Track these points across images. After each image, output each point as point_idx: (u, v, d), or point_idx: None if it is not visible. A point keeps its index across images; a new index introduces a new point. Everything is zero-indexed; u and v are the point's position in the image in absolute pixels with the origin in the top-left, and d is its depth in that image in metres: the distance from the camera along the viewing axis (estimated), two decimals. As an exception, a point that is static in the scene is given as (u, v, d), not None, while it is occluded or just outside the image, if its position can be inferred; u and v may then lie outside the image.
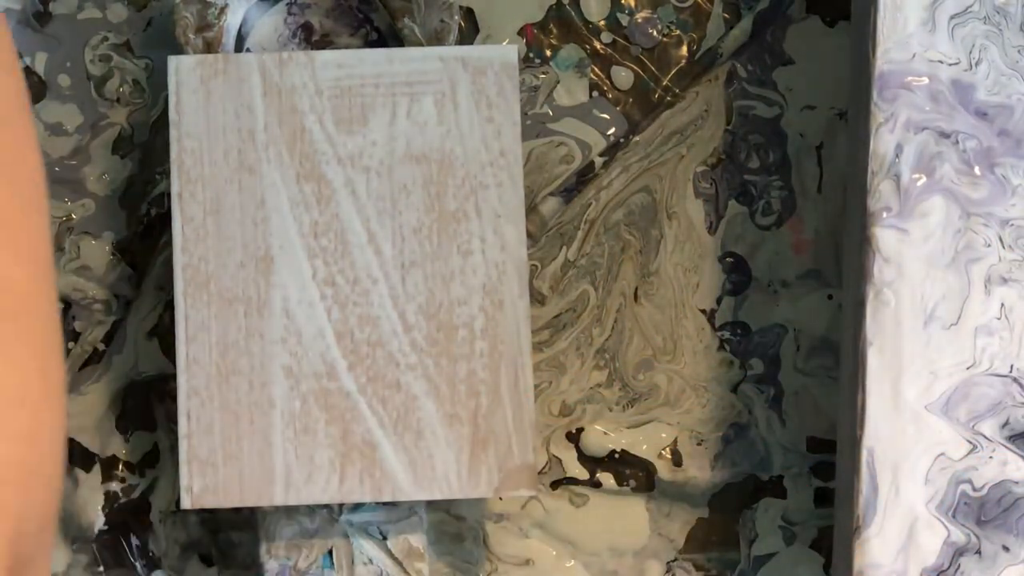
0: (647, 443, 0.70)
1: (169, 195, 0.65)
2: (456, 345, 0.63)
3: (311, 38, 0.69)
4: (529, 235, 0.70)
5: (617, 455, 0.70)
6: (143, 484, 0.71)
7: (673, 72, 0.71)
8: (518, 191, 0.64)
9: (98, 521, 0.71)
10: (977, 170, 0.60)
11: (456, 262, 0.64)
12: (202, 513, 0.70)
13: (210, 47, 0.66)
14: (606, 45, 0.71)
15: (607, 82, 0.71)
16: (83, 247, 0.70)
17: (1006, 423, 0.59)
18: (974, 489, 0.59)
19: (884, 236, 0.59)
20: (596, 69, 0.71)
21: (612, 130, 0.70)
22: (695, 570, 0.70)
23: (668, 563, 0.70)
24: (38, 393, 0.44)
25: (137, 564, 0.71)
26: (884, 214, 0.60)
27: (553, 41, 0.71)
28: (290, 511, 0.67)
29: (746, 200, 0.70)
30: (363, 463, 0.63)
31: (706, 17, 0.71)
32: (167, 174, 0.70)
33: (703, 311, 0.70)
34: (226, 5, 0.66)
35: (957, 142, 0.60)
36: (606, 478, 0.70)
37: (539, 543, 0.70)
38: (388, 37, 0.68)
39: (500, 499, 0.70)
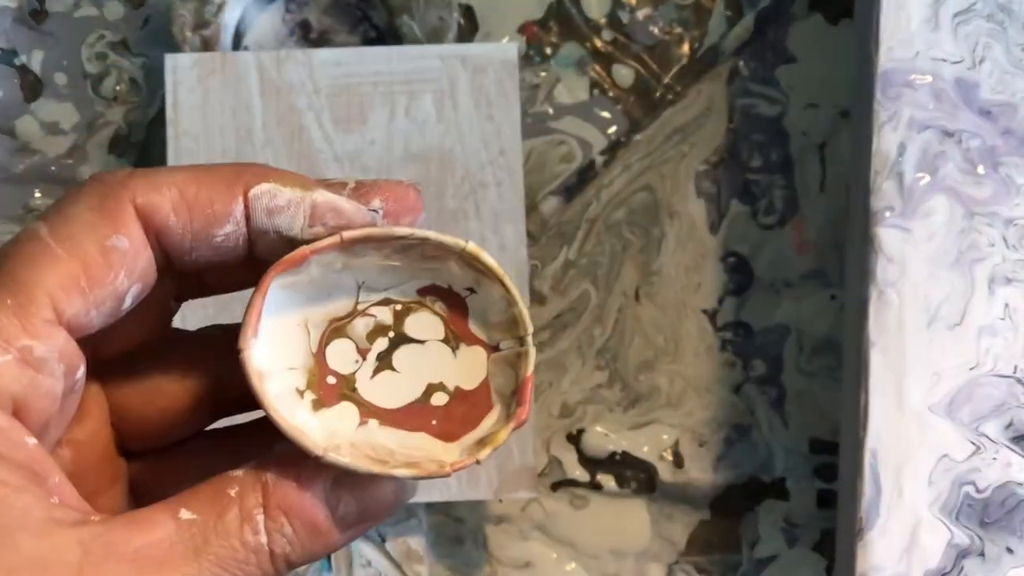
0: (648, 445, 0.70)
1: (166, 194, 0.64)
2: (455, 345, 0.63)
3: (309, 35, 0.69)
4: (529, 235, 0.69)
5: (618, 457, 0.70)
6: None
7: (675, 70, 0.70)
8: (518, 190, 0.64)
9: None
10: (981, 169, 0.59)
11: (455, 262, 0.63)
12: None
13: (207, 45, 0.66)
14: (607, 43, 0.70)
15: (608, 80, 0.70)
16: (80, 247, 0.70)
17: (1010, 424, 0.59)
18: (977, 491, 0.58)
19: (887, 236, 0.59)
20: (597, 67, 0.70)
21: (613, 128, 0.70)
22: (697, 573, 0.70)
23: (670, 565, 0.70)
24: None
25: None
26: (887, 214, 0.59)
27: (553, 39, 0.70)
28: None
29: (748, 199, 0.70)
30: (361, 464, 0.63)
31: (708, 14, 0.70)
32: (164, 173, 0.69)
33: (705, 311, 0.70)
34: (223, 2, 0.66)
35: (960, 141, 0.59)
36: (607, 480, 0.70)
37: (539, 545, 0.70)
38: (387, 35, 0.68)
39: (500, 501, 0.69)
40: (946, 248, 0.59)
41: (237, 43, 0.68)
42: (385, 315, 0.39)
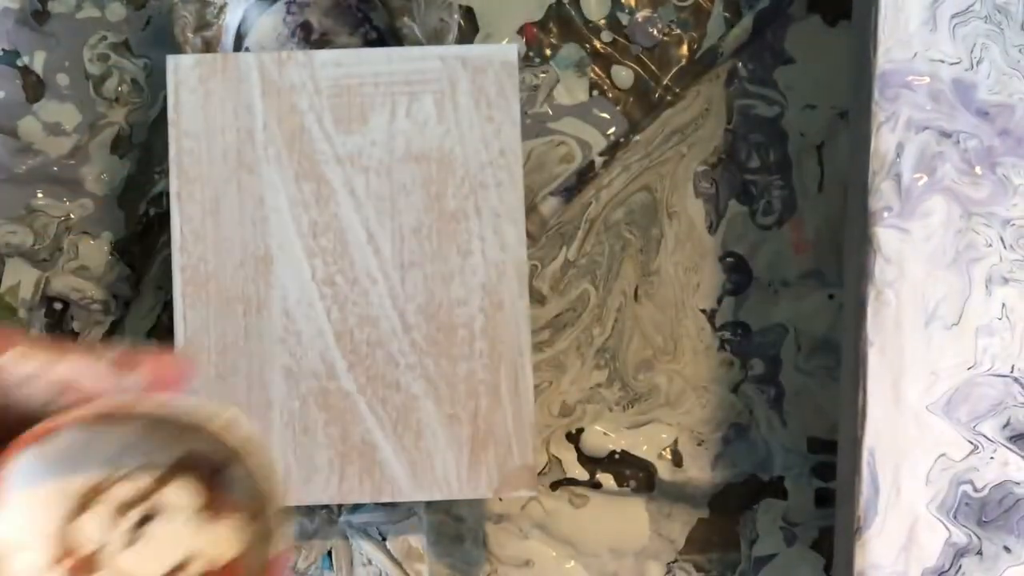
0: (647, 444, 0.70)
1: (168, 195, 0.64)
2: (456, 345, 0.63)
3: (310, 37, 0.69)
4: (529, 235, 0.69)
5: (617, 456, 0.70)
6: (142, 484, 0.70)
7: (673, 71, 0.70)
8: (518, 191, 0.64)
9: (97, 521, 0.70)
10: (978, 170, 0.59)
11: (456, 262, 0.63)
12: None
13: (209, 46, 0.66)
14: (606, 44, 0.70)
15: (607, 81, 0.70)
16: (81, 247, 0.70)
17: (1007, 423, 0.59)
18: (975, 490, 0.59)
19: (885, 236, 0.59)
20: (596, 68, 0.70)
21: (612, 129, 0.70)
22: (695, 571, 0.70)
23: (668, 564, 0.70)
24: None
25: (136, 565, 0.70)
26: (885, 214, 0.59)
27: (553, 40, 0.70)
28: (289, 512, 0.66)
29: (747, 200, 0.70)
30: (362, 463, 0.63)
31: (706, 16, 0.70)
32: (166, 174, 0.69)
33: (704, 311, 0.70)
34: (225, 4, 0.66)
35: (958, 141, 0.59)
36: (606, 479, 0.70)
37: (539, 544, 0.70)
38: (387, 36, 0.68)
39: (500, 500, 0.70)
40: (944, 248, 0.59)
41: (238, 45, 0.68)
42: (142, 483, 0.38)
